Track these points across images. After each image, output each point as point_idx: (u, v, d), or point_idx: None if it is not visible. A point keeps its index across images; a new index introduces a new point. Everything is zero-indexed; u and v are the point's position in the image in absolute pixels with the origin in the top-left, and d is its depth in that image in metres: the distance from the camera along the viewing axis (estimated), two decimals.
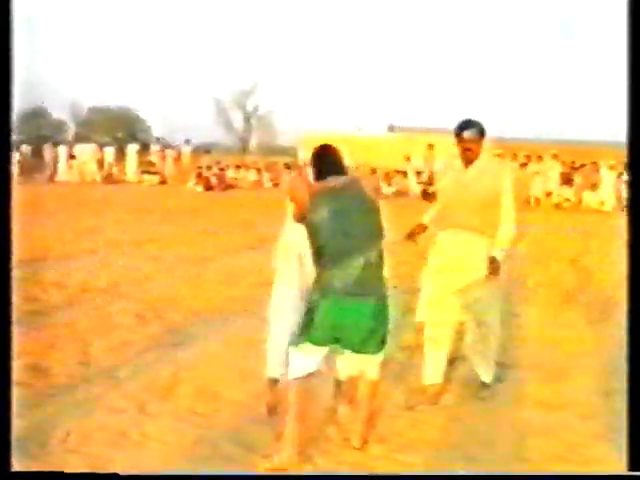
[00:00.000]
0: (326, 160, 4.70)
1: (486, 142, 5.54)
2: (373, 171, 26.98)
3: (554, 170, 24.44)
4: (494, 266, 5.29)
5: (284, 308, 4.71)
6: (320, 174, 4.56)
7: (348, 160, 5.25)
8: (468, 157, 5.42)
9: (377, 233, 4.42)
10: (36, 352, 6.18)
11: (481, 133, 5.40)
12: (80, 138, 44.90)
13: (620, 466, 4.31)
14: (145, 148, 35.70)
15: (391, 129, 42.21)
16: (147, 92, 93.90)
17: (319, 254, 4.27)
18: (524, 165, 25.13)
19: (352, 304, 4.21)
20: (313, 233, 4.27)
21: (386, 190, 25.73)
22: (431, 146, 28.50)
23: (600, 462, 4.42)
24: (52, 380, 5.64)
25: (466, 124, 5.41)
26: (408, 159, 27.55)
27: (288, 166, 30.66)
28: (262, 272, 9.69)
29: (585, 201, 23.56)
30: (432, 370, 5.51)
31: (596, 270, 11.21)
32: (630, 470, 3.26)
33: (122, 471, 4.07)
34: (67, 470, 3.97)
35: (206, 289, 8.88)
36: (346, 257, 4.18)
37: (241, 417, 4.96)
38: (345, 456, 4.39)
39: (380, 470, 4.23)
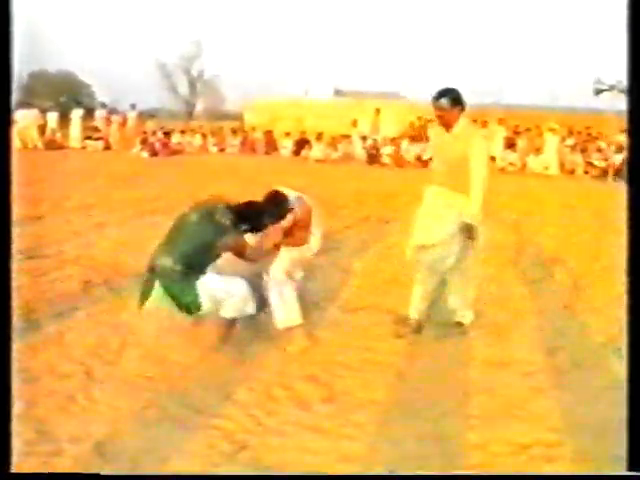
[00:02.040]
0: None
1: (428, 106, 5.74)
2: (319, 136, 26.96)
3: (498, 135, 24.62)
4: (470, 231, 5.83)
5: None
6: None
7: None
8: (442, 122, 5.93)
9: None
10: None
11: (454, 101, 5.82)
12: (21, 104, 44.00)
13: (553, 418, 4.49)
14: (89, 113, 35.18)
15: (338, 93, 42.10)
16: (90, 56, 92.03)
17: None
18: None
19: None
20: None
21: (333, 155, 25.75)
22: (378, 111, 28.54)
23: (541, 418, 4.54)
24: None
25: (440, 93, 5.84)
26: (355, 124, 27.54)
27: (234, 131, 30.48)
28: None
29: (529, 165, 23.80)
30: (414, 306, 6.23)
31: (538, 232, 11.38)
32: (630, 470, 3.32)
33: (70, 436, 4.11)
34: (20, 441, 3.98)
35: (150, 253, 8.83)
36: None
37: (188, 380, 5.00)
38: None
39: (330, 430, 4.30)
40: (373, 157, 24.99)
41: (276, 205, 5.84)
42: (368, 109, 29.38)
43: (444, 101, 5.81)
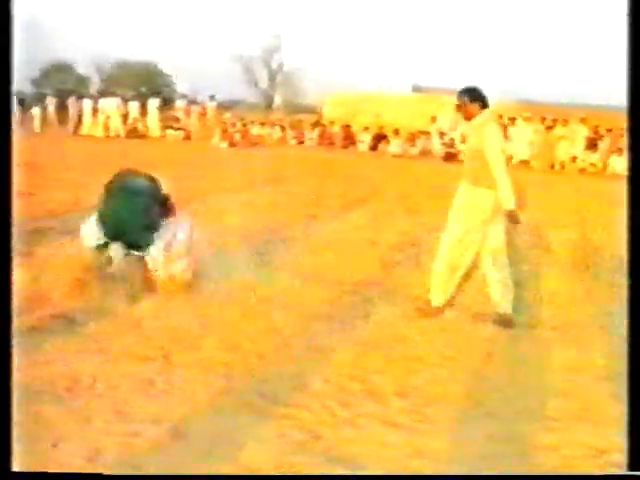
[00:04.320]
0: None
1: (514, 104, 5.78)
2: (397, 131, 26.89)
3: (580, 134, 24.18)
4: (513, 216, 6.16)
5: None
6: None
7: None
8: (461, 113, 6.45)
9: None
10: (64, 304, 6.32)
11: (473, 97, 6.29)
12: (105, 93, 44.86)
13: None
14: (168, 103, 35.68)
15: (416, 89, 41.84)
16: (172, 47, 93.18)
17: None
18: (550, 128, 24.92)
19: None
20: None
21: (410, 150, 25.65)
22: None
23: (618, 422, 4.47)
24: (79, 329, 5.76)
25: (461, 90, 6.39)
26: (434, 120, 27.36)
27: (313, 124, 30.59)
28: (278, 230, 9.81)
29: (611, 166, 23.27)
30: (437, 292, 6.47)
31: (614, 234, 11.16)
32: (630, 470, 3.30)
33: (148, 418, 4.19)
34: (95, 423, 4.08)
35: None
36: None
37: (263, 368, 5.06)
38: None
39: (403, 424, 4.30)
40: (450, 154, 24.81)
41: None
42: (447, 105, 29.14)
43: (463, 96, 6.34)
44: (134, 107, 32.24)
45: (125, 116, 31.61)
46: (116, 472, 3.61)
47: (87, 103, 32.35)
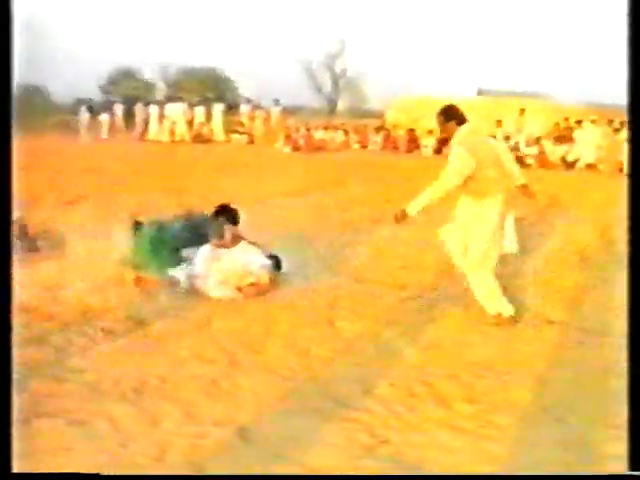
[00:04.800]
0: None
1: (581, 107, 5.75)
2: None
3: None
4: (527, 191, 6.63)
5: None
6: None
7: None
8: (444, 135, 6.94)
9: None
10: (135, 305, 6.43)
11: (447, 117, 6.57)
12: (170, 98, 45.44)
13: None
14: (232, 108, 35.97)
15: (481, 92, 41.48)
16: (236, 53, 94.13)
17: None
18: (617, 131, 24.48)
19: None
20: None
21: None
22: (522, 111, 27.98)
23: None
24: (147, 330, 5.85)
25: (437, 112, 6.72)
26: (499, 123, 27.07)
27: (377, 128, 30.53)
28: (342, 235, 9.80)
29: None
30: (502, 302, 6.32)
31: None
32: (630, 470, 3.28)
33: (214, 420, 4.22)
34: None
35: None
36: None
37: (329, 372, 5.05)
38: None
39: (470, 430, 4.26)
40: (515, 158, 24.47)
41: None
42: (512, 109, 28.84)
43: (439, 117, 6.61)
44: (200, 112, 32.59)
45: (190, 121, 31.97)
46: (183, 473, 3.65)
47: (154, 109, 32.81)
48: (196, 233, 7.24)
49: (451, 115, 6.57)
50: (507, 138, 25.99)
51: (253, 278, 6.85)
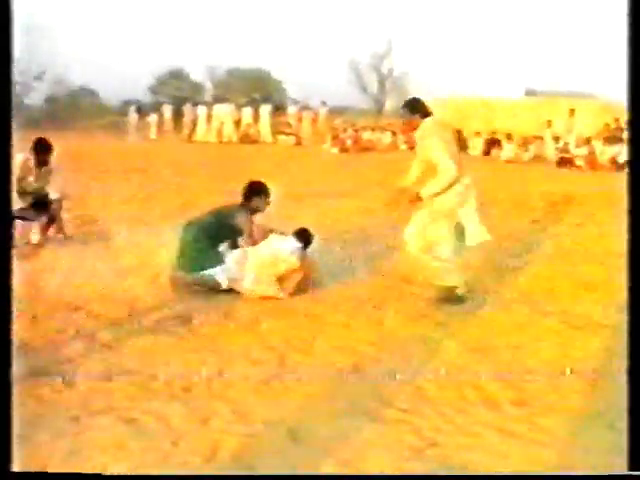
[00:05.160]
0: None
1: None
2: (509, 136, 26.49)
3: None
4: (414, 198, 6.65)
5: None
6: None
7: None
8: (408, 129, 7.14)
9: None
10: (183, 305, 6.48)
11: (412, 110, 6.78)
12: (218, 99, 45.72)
13: None
14: (280, 109, 36.12)
15: (530, 92, 41.14)
16: (283, 54, 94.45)
17: None
18: None
19: None
20: None
21: (523, 156, 25.23)
22: (572, 111, 27.72)
23: None
24: (196, 330, 5.89)
25: (402, 104, 7.08)
26: (548, 124, 26.84)
27: None
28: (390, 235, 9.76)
29: None
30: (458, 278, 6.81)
31: None
32: (630, 470, 3.22)
33: (264, 420, 4.24)
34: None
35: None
36: None
37: (377, 372, 5.04)
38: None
39: (519, 433, 4.22)
40: (565, 159, 24.25)
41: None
42: (561, 109, 28.57)
43: (403, 111, 6.90)
44: (247, 113, 32.78)
45: (238, 122, 32.16)
46: (233, 472, 3.66)
47: (202, 110, 33.07)
48: (229, 226, 7.20)
49: (416, 108, 6.76)
50: (556, 139, 25.77)
51: (284, 266, 6.83)
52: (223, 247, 7.07)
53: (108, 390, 4.63)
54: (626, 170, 3.47)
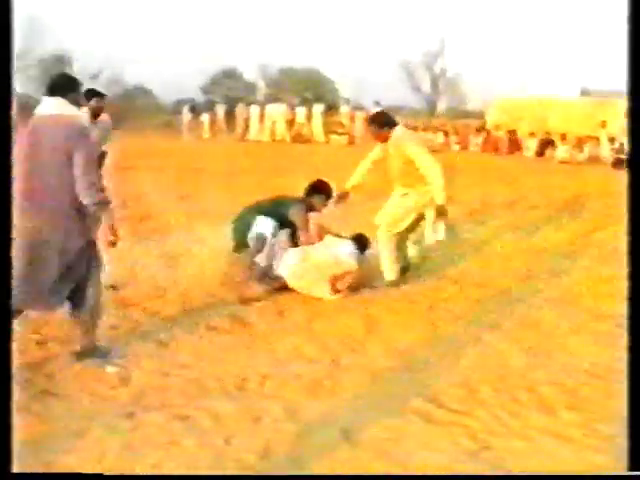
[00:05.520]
0: None
1: None
2: (564, 136, 26.19)
3: None
4: (441, 210, 7.04)
5: None
6: None
7: None
8: (378, 140, 7.52)
9: None
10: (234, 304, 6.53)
11: (379, 124, 7.35)
12: (270, 98, 45.90)
13: None
14: (332, 108, 36.13)
15: (585, 92, 40.57)
16: (336, 53, 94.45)
17: None
18: None
19: None
20: None
21: (578, 156, 24.92)
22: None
23: None
24: (249, 329, 5.92)
25: (369, 120, 7.99)
26: (603, 124, 26.47)
27: (477, 129, 30.24)
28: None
29: None
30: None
31: None
32: (630, 470, 3.21)
33: (316, 420, 4.24)
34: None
35: None
36: None
37: (430, 374, 5.02)
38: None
39: (574, 438, 4.16)
40: (620, 160, 23.85)
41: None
42: (617, 109, 28.14)
43: (372, 125, 7.44)
44: (301, 113, 32.85)
45: (290, 121, 32.25)
46: (286, 472, 3.67)
47: (254, 109, 33.23)
48: (281, 207, 7.27)
49: (383, 122, 7.34)
50: (612, 140, 25.40)
51: (342, 268, 6.84)
52: (284, 235, 7.13)
53: (162, 387, 4.68)
54: None
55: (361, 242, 7.31)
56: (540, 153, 26.66)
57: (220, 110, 35.99)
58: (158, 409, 4.34)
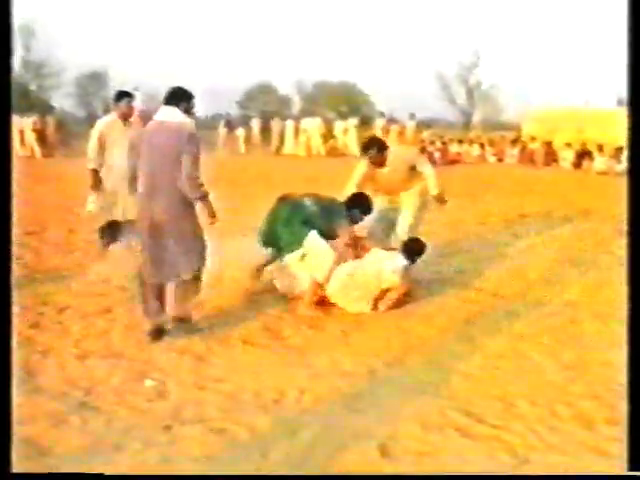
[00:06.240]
0: None
1: None
2: (601, 147, 25.96)
3: None
4: (440, 198, 7.99)
5: None
6: None
7: None
8: (376, 164, 7.84)
9: None
10: (270, 316, 6.53)
11: (378, 149, 7.76)
12: (305, 112, 46.07)
13: None
14: (367, 122, 36.16)
15: (622, 102, 40.23)
16: (370, 67, 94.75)
17: None
18: None
19: None
20: None
21: (616, 167, 24.67)
22: None
23: None
24: (286, 342, 5.92)
25: (363, 147, 8.02)
26: None
27: (513, 141, 30.10)
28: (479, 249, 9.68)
29: None
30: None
31: None
32: (630, 470, 3.25)
33: (353, 434, 4.23)
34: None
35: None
36: None
37: (469, 388, 4.99)
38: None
39: (614, 454, 4.11)
40: None
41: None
42: None
43: (372, 151, 7.73)
44: (339, 127, 32.92)
45: (325, 135, 32.30)
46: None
47: (289, 123, 33.35)
48: (326, 215, 7.12)
49: (381, 146, 7.80)
50: None
51: (385, 285, 6.75)
52: (331, 247, 6.86)
53: (199, 400, 4.69)
54: None
55: (414, 248, 7.12)
56: (577, 164, 26.44)
57: (255, 125, 36.18)
58: (195, 422, 4.36)
